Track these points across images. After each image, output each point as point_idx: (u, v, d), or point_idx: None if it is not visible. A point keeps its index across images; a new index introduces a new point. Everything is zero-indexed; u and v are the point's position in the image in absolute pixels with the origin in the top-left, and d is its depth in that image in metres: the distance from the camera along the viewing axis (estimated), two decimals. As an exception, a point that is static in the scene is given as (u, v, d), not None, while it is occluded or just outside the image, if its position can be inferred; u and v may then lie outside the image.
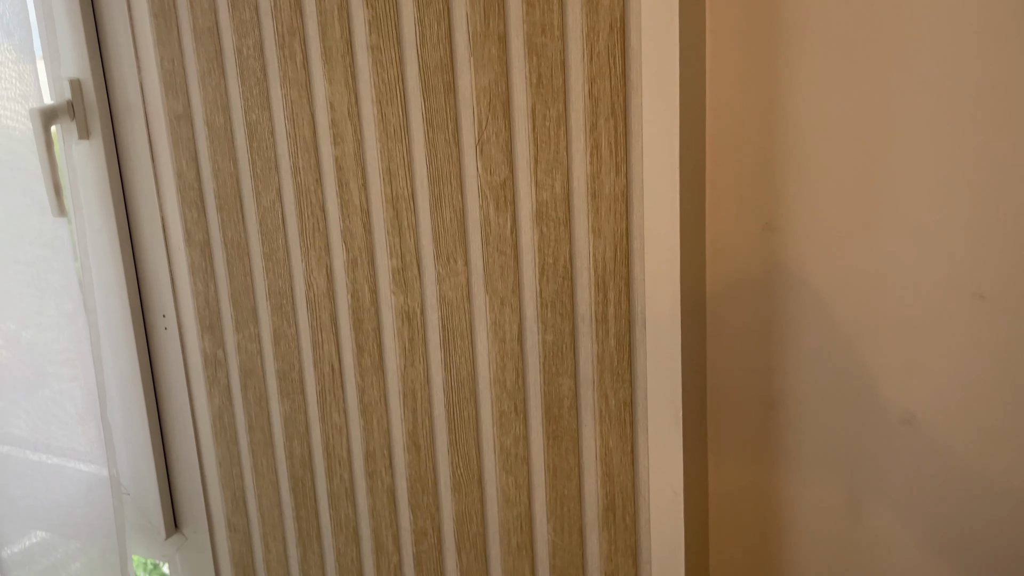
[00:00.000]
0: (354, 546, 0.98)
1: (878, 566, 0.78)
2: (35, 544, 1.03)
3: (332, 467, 0.97)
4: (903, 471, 0.75)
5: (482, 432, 0.87)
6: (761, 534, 0.83)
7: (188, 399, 1.03)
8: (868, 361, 0.74)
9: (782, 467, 0.80)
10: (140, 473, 1.08)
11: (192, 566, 1.11)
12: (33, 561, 1.04)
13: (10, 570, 1.02)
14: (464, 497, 0.89)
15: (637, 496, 0.80)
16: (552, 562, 0.86)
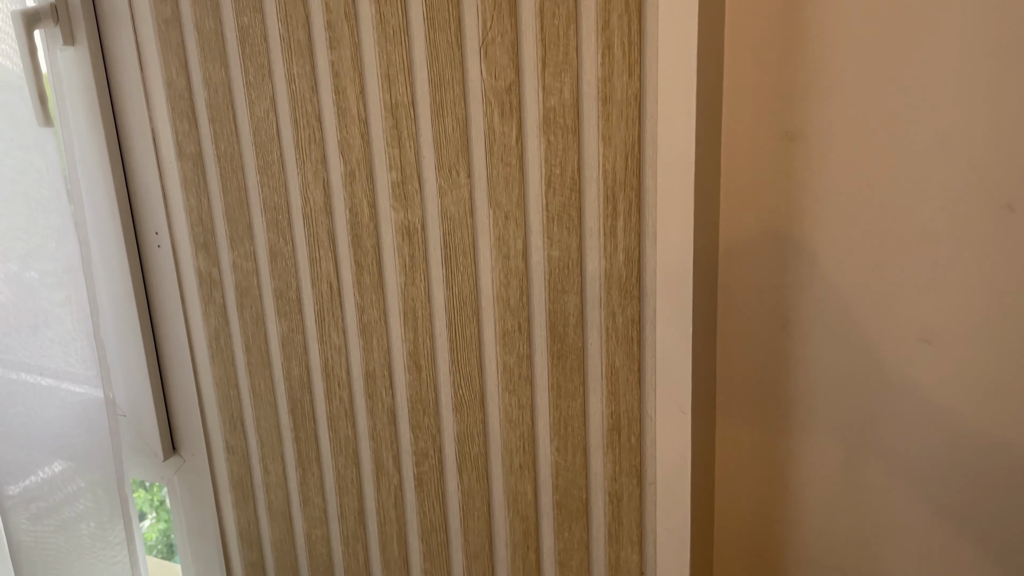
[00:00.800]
0: (354, 467, 0.97)
1: (889, 498, 0.77)
2: (42, 481, 1.01)
3: (331, 388, 0.95)
4: (919, 394, 0.72)
5: (484, 351, 0.84)
6: (770, 456, 0.81)
7: (183, 319, 1.01)
8: (888, 277, 0.71)
9: (793, 389, 0.78)
10: (136, 395, 1.06)
11: (191, 489, 1.10)
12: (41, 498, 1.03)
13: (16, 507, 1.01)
14: (466, 417, 0.88)
15: (643, 416, 0.78)
16: (555, 482, 0.85)
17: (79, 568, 1.05)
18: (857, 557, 0.79)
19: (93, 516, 1.04)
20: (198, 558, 1.13)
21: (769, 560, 0.83)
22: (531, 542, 0.89)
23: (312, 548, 1.04)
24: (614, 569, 0.85)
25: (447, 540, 0.94)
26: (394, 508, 0.96)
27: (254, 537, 1.08)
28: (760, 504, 0.83)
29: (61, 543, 1.04)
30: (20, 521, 1.01)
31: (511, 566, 0.90)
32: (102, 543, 1.04)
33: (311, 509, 1.02)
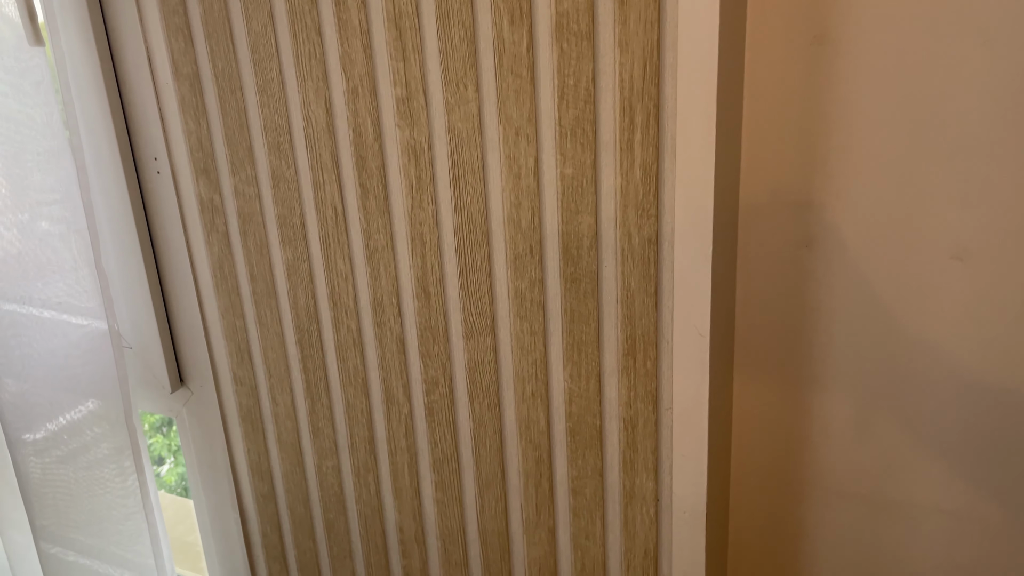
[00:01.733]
0: (363, 397, 0.95)
1: (915, 426, 0.74)
2: (48, 414, 1.00)
3: (338, 317, 0.92)
4: (951, 313, 0.69)
5: (495, 276, 0.82)
6: (792, 381, 0.78)
7: (186, 248, 0.98)
8: (920, 189, 0.67)
9: (816, 312, 0.75)
10: (141, 325, 1.05)
11: (200, 421, 1.09)
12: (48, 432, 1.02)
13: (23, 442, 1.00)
14: (476, 345, 0.85)
15: (659, 339, 0.76)
16: (568, 409, 0.83)
17: (90, 501, 1.04)
18: (881, 483, 0.77)
19: (102, 449, 1.03)
20: (209, 491, 1.13)
21: (789, 486, 0.82)
22: (544, 470, 0.87)
23: (323, 479, 1.03)
24: (629, 496, 0.83)
25: (459, 469, 0.93)
26: (405, 438, 0.95)
27: (264, 469, 1.07)
28: (780, 430, 0.80)
29: (70, 476, 1.03)
30: (27, 455, 1.01)
31: (524, 494, 0.89)
32: (112, 475, 1.04)
33: (321, 440, 1.01)
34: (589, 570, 0.89)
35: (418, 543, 0.99)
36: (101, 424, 1.03)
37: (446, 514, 0.96)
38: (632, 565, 0.86)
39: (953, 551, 0.76)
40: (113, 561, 1.07)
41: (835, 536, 0.81)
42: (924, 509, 0.76)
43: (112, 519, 1.04)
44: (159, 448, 2.74)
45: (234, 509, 1.11)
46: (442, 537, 0.97)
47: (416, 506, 0.97)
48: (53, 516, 1.03)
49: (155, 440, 2.71)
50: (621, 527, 0.85)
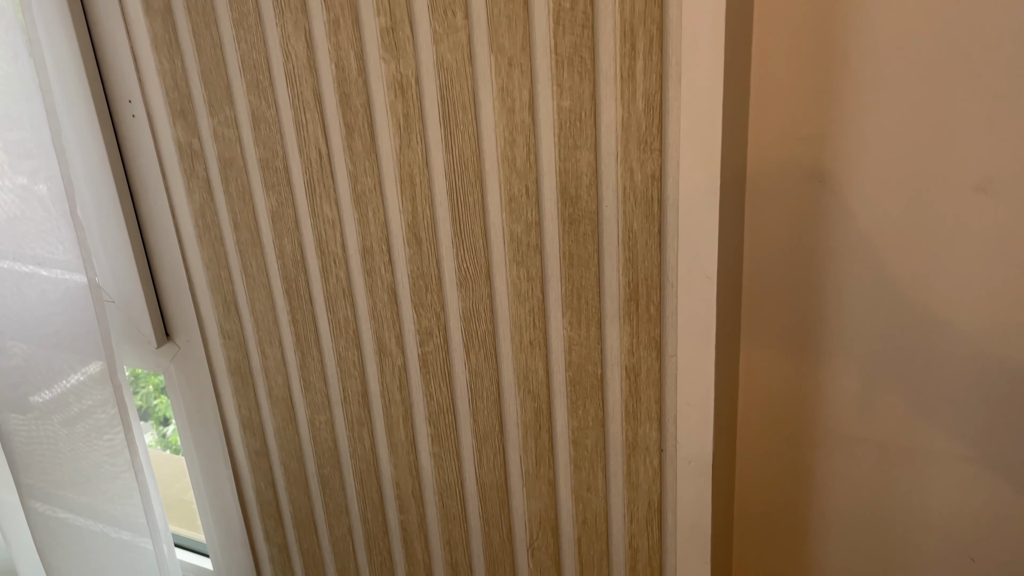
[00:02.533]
0: (355, 349, 0.92)
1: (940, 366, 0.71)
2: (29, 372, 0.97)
3: (327, 265, 0.88)
4: (974, 248, 0.65)
5: (489, 220, 0.77)
6: (801, 326, 0.75)
7: (166, 196, 0.94)
8: (942, 114, 0.63)
9: (830, 252, 0.71)
10: (122, 279, 1.01)
11: (188, 376, 1.06)
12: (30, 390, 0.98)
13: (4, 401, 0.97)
14: (471, 293, 0.81)
15: (663, 283, 0.72)
16: (568, 358, 0.80)
17: (76, 458, 1.02)
18: (894, 430, 0.74)
19: (87, 405, 1.00)
20: (201, 448, 1.10)
21: (798, 434, 0.78)
22: (543, 422, 0.84)
23: (316, 434, 1.00)
24: (631, 447, 0.80)
25: (455, 422, 0.89)
26: (399, 390, 0.91)
27: (256, 424, 1.04)
28: (789, 377, 0.77)
29: (56, 434, 1.00)
30: (9, 415, 0.98)
31: (523, 447, 0.86)
32: (99, 432, 1.01)
33: (313, 394, 0.97)
34: (591, 523, 0.86)
35: (415, 498, 0.97)
36: (85, 380, 1.00)
37: (443, 468, 0.93)
38: (636, 517, 0.83)
39: (968, 498, 0.73)
40: (104, 519, 1.05)
41: (846, 484, 0.78)
42: (939, 456, 0.73)
43: (100, 476, 1.02)
44: (164, 408, 2.72)
45: (227, 466, 1.09)
46: (439, 491, 0.94)
47: (412, 460, 0.94)
48: (39, 474, 1.00)
49: (160, 401, 2.69)
50: (624, 479, 0.82)
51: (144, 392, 2.55)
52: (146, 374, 2.43)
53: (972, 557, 0.74)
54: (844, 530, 0.80)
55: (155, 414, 2.50)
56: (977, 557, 0.74)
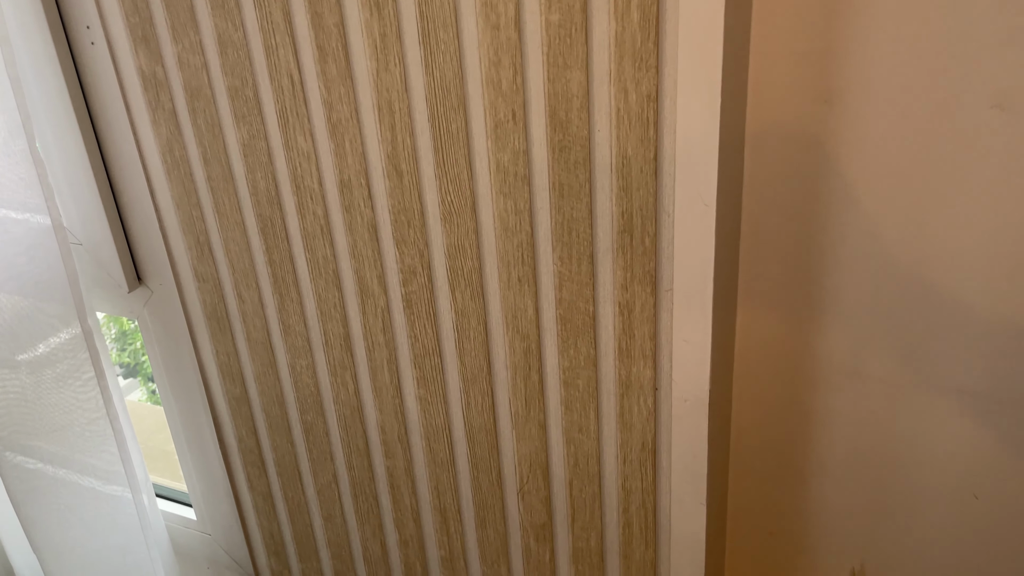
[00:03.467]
0: (336, 290, 0.88)
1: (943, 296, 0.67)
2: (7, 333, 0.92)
3: (303, 202, 0.84)
4: (990, 168, 0.61)
5: (474, 148, 0.73)
6: (805, 258, 0.71)
7: (131, 130, 0.88)
8: (957, 26, 0.58)
9: (836, 177, 0.67)
10: (89, 220, 0.96)
11: (163, 322, 1.01)
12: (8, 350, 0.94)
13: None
14: (456, 228, 0.77)
15: (659, 213, 0.68)
16: (558, 296, 0.76)
17: (47, 408, 0.98)
18: (899, 365, 0.71)
19: (57, 352, 0.96)
20: (180, 396, 1.07)
21: (798, 369, 0.75)
22: (533, 362, 0.81)
23: (297, 379, 0.96)
24: (625, 386, 0.77)
25: (441, 364, 0.86)
26: (382, 333, 0.88)
27: (235, 370, 1.00)
28: (789, 311, 0.74)
29: (25, 382, 0.96)
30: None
31: (512, 388, 0.83)
32: (70, 380, 0.97)
33: (293, 338, 0.94)
34: (583, 465, 0.83)
35: (401, 443, 0.94)
36: (54, 327, 0.96)
37: (430, 412, 0.90)
38: (629, 459, 0.80)
39: (973, 433, 0.70)
40: (79, 469, 1.01)
41: (846, 422, 0.75)
42: (943, 390, 0.70)
43: (74, 425, 0.98)
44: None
45: (206, 413, 1.05)
46: (426, 436, 0.92)
47: (398, 404, 0.91)
48: (9, 424, 0.96)
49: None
50: (617, 419, 0.79)
51: (132, 349, 2.51)
52: (134, 330, 2.38)
53: (975, 494, 0.72)
54: (843, 469, 0.78)
55: (143, 371, 2.46)
56: (980, 494, 0.72)
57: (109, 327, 2.45)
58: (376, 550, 1.04)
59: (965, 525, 0.74)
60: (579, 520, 0.87)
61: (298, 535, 1.09)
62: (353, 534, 1.04)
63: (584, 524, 0.86)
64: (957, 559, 0.76)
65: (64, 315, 0.95)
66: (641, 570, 0.85)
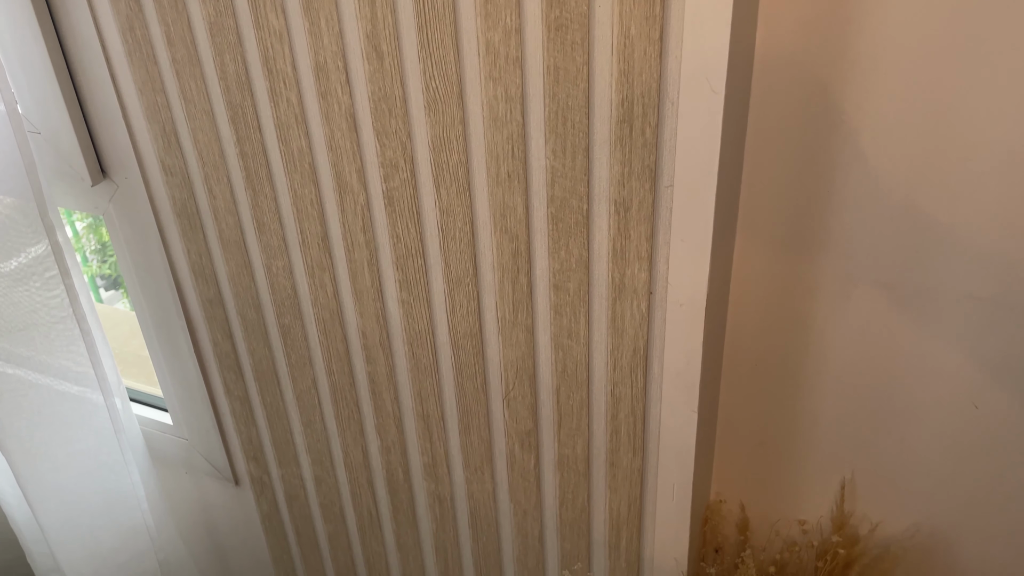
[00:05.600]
0: (312, 186, 0.82)
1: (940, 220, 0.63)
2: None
3: (276, 88, 0.78)
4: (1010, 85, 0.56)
5: (461, 27, 0.67)
6: (813, 151, 0.66)
7: (88, 6, 0.81)
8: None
9: (853, 65, 0.62)
10: (46, 106, 0.89)
11: (131, 220, 0.96)
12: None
13: None
14: (441, 117, 0.72)
15: (662, 100, 0.63)
16: (550, 193, 0.71)
17: (9, 308, 0.93)
18: (905, 270, 0.67)
19: (17, 248, 0.90)
20: (151, 298, 1.02)
21: (799, 275, 0.72)
22: (522, 264, 0.77)
23: (273, 281, 0.92)
24: (618, 290, 0.73)
25: (425, 266, 0.82)
26: (362, 232, 0.83)
27: (208, 272, 0.96)
28: (792, 210, 0.69)
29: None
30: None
31: (499, 292, 0.79)
32: (33, 279, 0.92)
33: (268, 237, 0.89)
34: (571, 372, 0.80)
35: (383, 348, 0.90)
36: (14, 221, 0.90)
37: (412, 316, 0.86)
38: (619, 365, 0.77)
39: (983, 341, 0.67)
40: (46, 370, 0.98)
41: (846, 330, 0.72)
42: (949, 296, 0.67)
43: (38, 324, 0.94)
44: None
45: (179, 316, 1.01)
46: (409, 341, 0.88)
47: (379, 308, 0.87)
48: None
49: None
50: (608, 324, 0.76)
51: (112, 261, 2.45)
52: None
53: (975, 403, 0.70)
54: (838, 378, 0.75)
55: (125, 283, 2.41)
56: (981, 403, 0.70)
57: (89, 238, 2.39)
58: (357, 456, 1.02)
59: (962, 435, 0.72)
60: (565, 427, 0.84)
61: (277, 441, 1.07)
62: (334, 440, 1.02)
63: (570, 431, 0.84)
64: (951, 470, 0.74)
65: (24, 208, 0.89)
66: (628, 478, 0.84)
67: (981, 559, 0.77)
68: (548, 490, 0.90)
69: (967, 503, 0.75)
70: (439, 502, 0.99)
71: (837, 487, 0.80)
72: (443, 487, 0.97)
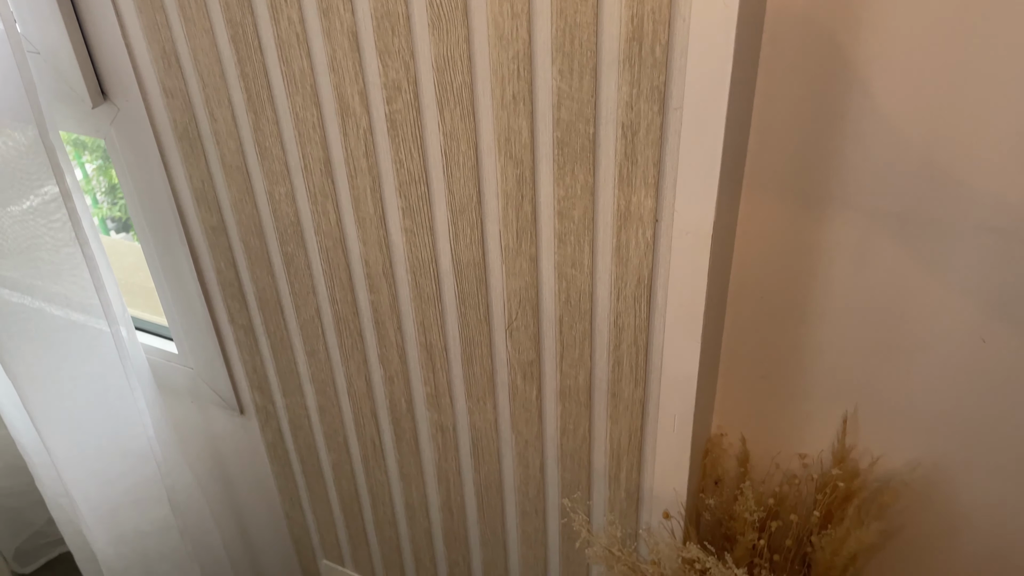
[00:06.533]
0: (314, 108, 0.81)
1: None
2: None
3: (276, 4, 0.76)
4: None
5: (467, -61, 0.64)
6: (827, 77, 0.64)
7: (81, -83, 0.79)
8: None
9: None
10: (45, 25, 0.87)
11: (132, 142, 0.95)
12: None
13: None
14: (446, 36, 0.70)
15: (673, 16, 0.60)
16: (556, 115, 0.69)
17: (13, 232, 0.93)
18: (919, 199, 0.66)
19: (18, 172, 0.90)
20: (154, 226, 1.01)
21: (808, 203, 0.70)
22: (526, 191, 0.75)
23: (276, 207, 0.91)
24: (623, 218, 0.72)
25: (428, 193, 0.81)
26: (365, 157, 0.82)
27: (211, 197, 0.95)
28: (805, 137, 0.68)
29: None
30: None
31: (503, 219, 0.78)
32: (34, 201, 0.91)
33: (270, 161, 0.87)
34: (574, 301, 0.80)
35: (386, 277, 0.90)
36: (14, 144, 0.89)
37: (415, 244, 0.85)
38: (623, 294, 0.77)
39: (993, 274, 0.66)
40: (51, 298, 0.98)
41: (855, 261, 0.71)
42: (965, 227, 0.65)
43: (40, 249, 0.93)
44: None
45: (183, 243, 1.01)
46: (412, 270, 0.87)
47: (382, 236, 0.86)
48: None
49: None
50: (613, 253, 0.75)
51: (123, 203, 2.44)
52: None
53: (983, 337, 0.69)
54: (844, 311, 0.74)
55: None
56: (988, 337, 0.69)
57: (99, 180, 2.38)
58: (361, 386, 1.02)
59: (969, 369, 0.71)
60: (568, 358, 0.84)
61: (282, 370, 1.07)
62: (337, 369, 1.02)
63: (573, 362, 0.84)
64: (956, 404, 0.74)
65: (25, 131, 0.88)
66: (629, 409, 0.84)
67: (983, 494, 0.77)
68: (549, 420, 0.90)
69: (971, 438, 0.75)
70: (441, 432, 1.00)
71: (839, 421, 0.80)
72: (445, 417, 0.98)
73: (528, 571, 1.07)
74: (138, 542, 1.18)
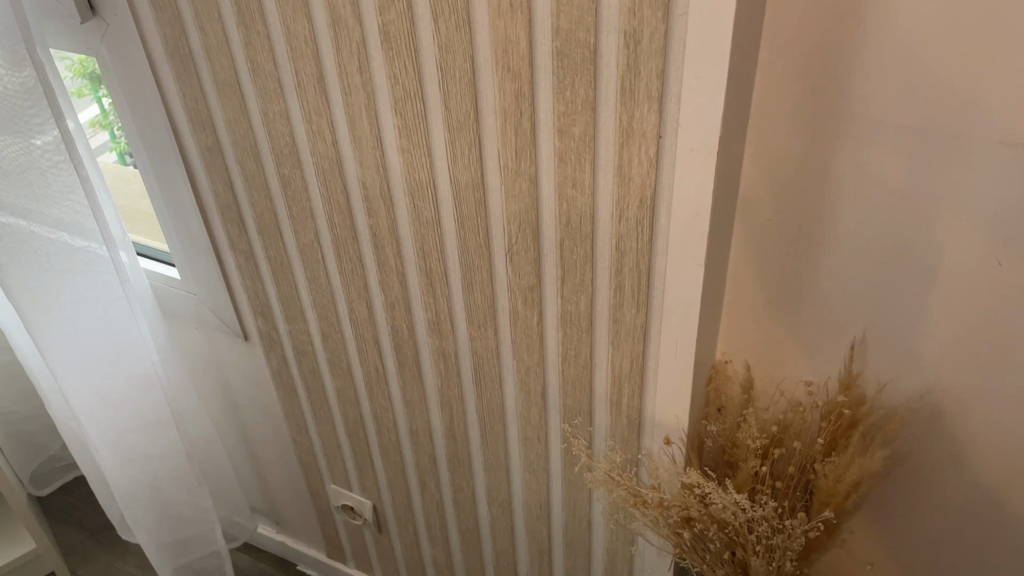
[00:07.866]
0: (305, 20, 0.77)
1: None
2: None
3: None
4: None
5: None
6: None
7: None
8: None
9: None
10: (25, -67, 0.84)
11: (123, 60, 0.92)
12: None
13: None
14: (438, -62, 0.66)
15: (678, -89, 0.56)
16: (555, 24, 0.66)
17: (9, 157, 0.91)
18: (934, 114, 0.62)
19: (7, 88, 0.87)
20: (151, 148, 0.99)
21: (821, 121, 0.67)
22: (525, 107, 0.72)
23: (271, 127, 0.88)
24: (626, 134, 0.69)
25: (424, 111, 0.78)
26: (359, 72, 0.78)
27: (205, 118, 0.92)
28: (815, 54, 0.64)
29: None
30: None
31: (501, 137, 0.75)
32: (25, 121, 0.89)
33: (263, 79, 0.85)
34: (575, 224, 0.77)
35: (384, 199, 0.87)
36: (2, 62, 0.87)
37: (413, 165, 0.83)
38: (625, 216, 0.74)
39: (1012, 193, 0.63)
40: (47, 220, 0.96)
41: (869, 180, 0.68)
42: (984, 143, 0.62)
43: (33, 171, 0.92)
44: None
45: (180, 167, 0.99)
46: (410, 192, 0.85)
47: (379, 157, 0.84)
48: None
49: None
50: (614, 172, 0.72)
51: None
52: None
53: (999, 260, 0.66)
54: (855, 232, 0.71)
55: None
56: (1005, 260, 0.66)
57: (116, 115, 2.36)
58: (362, 312, 1.01)
59: (983, 294, 0.68)
60: (569, 283, 0.82)
61: (283, 296, 1.06)
62: (338, 296, 1.01)
63: (574, 287, 0.82)
64: (968, 330, 0.71)
65: (12, 47, 0.85)
66: (631, 335, 0.82)
67: (994, 422, 0.75)
68: (551, 346, 0.89)
69: (984, 364, 0.73)
70: (443, 358, 0.99)
71: (846, 349, 0.78)
72: (447, 343, 0.97)
73: (531, 496, 1.07)
74: (146, 464, 1.20)
